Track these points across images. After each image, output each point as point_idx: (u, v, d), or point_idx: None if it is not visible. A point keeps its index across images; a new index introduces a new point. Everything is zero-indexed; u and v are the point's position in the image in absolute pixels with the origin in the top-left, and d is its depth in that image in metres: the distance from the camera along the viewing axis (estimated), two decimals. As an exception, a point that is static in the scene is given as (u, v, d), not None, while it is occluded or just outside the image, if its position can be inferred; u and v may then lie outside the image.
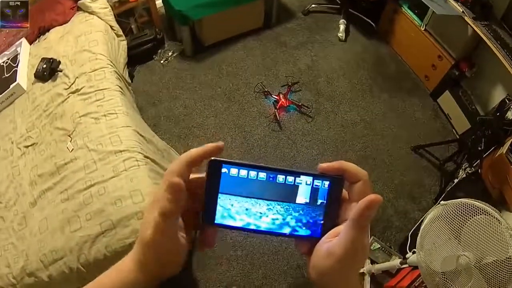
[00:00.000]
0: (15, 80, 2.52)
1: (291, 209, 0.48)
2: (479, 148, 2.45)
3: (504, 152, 2.30)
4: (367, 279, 2.34)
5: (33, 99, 2.46)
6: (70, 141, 2.14)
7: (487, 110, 2.94)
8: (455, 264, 1.42)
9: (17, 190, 2.12)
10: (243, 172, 0.48)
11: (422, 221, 2.35)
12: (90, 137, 2.10)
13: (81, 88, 2.34)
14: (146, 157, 2.05)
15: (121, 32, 2.94)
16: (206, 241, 0.50)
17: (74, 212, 1.86)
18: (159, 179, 2.00)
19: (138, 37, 3.40)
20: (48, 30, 2.85)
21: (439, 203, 2.38)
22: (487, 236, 1.32)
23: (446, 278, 1.47)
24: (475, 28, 2.62)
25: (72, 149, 2.09)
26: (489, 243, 1.32)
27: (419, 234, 1.62)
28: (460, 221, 1.40)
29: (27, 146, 2.28)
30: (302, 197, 0.48)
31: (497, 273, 1.32)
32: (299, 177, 0.48)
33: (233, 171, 0.48)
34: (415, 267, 1.92)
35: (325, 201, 0.48)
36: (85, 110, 2.23)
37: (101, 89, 2.31)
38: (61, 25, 2.84)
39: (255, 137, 3.10)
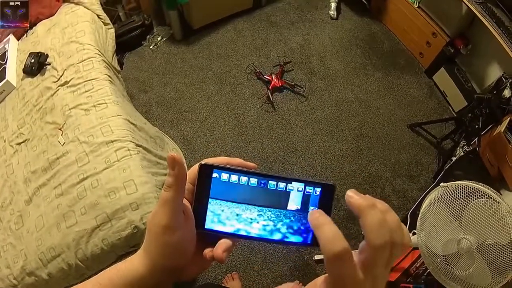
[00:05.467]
0: (4, 78, 2.51)
1: (282, 215, 0.48)
2: (477, 126, 2.45)
3: (502, 131, 2.29)
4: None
5: (23, 95, 2.43)
6: (62, 135, 2.10)
7: (483, 88, 2.94)
8: (456, 248, 1.41)
9: (12, 188, 2.11)
10: (234, 178, 0.48)
11: (421, 200, 2.36)
12: (81, 129, 2.07)
13: (70, 80, 2.29)
14: (138, 145, 2.03)
15: (108, 20, 2.88)
16: (215, 253, 0.47)
17: (69, 207, 1.84)
18: (152, 167, 2.00)
19: (126, 24, 3.35)
20: (35, 24, 2.80)
21: (438, 183, 2.40)
22: (489, 220, 1.31)
23: (447, 261, 1.47)
24: (470, 6, 2.58)
25: (64, 143, 2.06)
26: (491, 227, 1.30)
27: (419, 216, 1.60)
28: (461, 203, 1.38)
29: (19, 143, 2.26)
30: (294, 203, 0.48)
31: (499, 257, 1.31)
32: (291, 183, 0.48)
33: (224, 176, 0.48)
34: (416, 248, 1.92)
35: (316, 208, 0.48)
36: (75, 102, 2.19)
37: (89, 80, 2.27)
38: (47, 18, 2.78)
39: (248, 119, 3.07)
